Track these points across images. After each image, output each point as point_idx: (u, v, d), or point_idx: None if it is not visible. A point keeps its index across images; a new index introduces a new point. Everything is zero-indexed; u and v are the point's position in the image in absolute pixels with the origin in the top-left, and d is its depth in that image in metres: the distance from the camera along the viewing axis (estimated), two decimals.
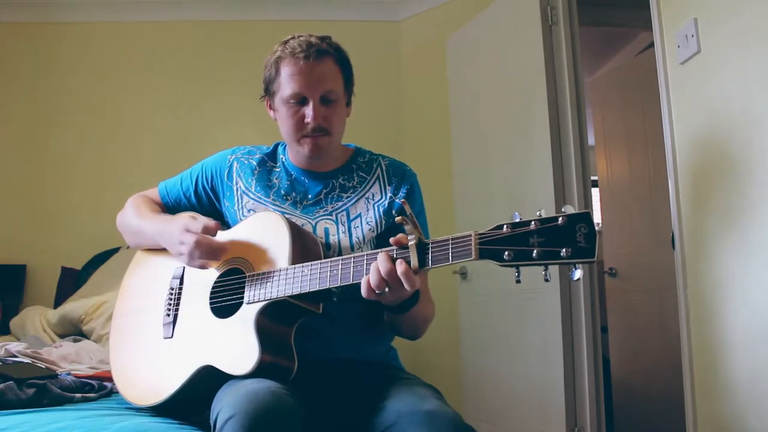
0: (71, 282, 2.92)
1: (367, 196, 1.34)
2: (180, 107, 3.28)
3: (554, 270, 2.28)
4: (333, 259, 1.11)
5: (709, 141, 1.70)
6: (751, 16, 1.53)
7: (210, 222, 1.22)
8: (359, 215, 1.32)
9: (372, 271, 1.03)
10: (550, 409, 2.31)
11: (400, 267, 1.01)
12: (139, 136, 3.24)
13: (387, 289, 1.03)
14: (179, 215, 1.31)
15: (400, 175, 1.37)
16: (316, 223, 1.31)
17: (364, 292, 1.05)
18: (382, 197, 1.34)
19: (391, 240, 1.05)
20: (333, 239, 1.29)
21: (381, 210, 1.32)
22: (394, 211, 1.31)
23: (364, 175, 1.38)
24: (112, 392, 1.46)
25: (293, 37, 1.30)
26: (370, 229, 1.30)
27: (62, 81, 3.24)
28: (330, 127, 1.30)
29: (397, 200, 1.33)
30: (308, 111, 1.27)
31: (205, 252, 1.20)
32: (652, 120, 2.81)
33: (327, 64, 1.29)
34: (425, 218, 1.39)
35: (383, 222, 1.31)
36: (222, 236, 1.30)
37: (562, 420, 2.25)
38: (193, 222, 1.22)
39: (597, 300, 2.34)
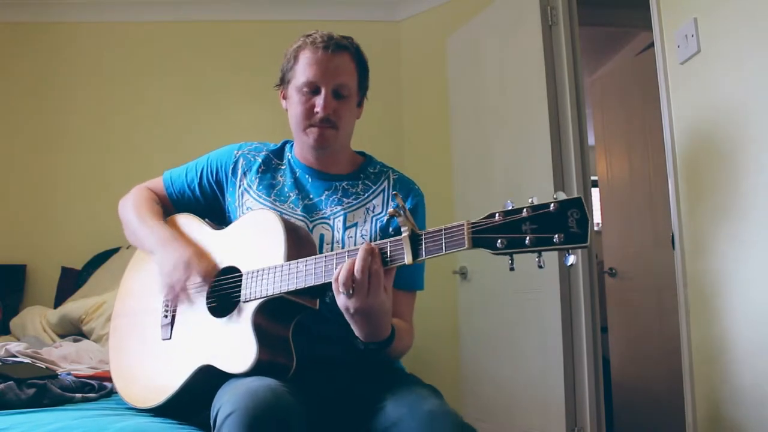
0: (71, 282, 2.92)
1: (368, 206, 1.33)
2: (180, 107, 3.28)
3: (555, 269, 2.28)
4: (327, 254, 1.10)
5: (709, 140, 1.70)
6: (750, 16, 1.53)
7: (202, 274, 1.21)
8: (355, 224, 1.31)
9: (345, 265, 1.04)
10: (550, 409, 2.31)
11: (375, 262, 1.03)
12: (139, 136, 3.24)
13: (352, 289, 1.03)
14: (175, 242, 1.27)
15: (406, 192, 1.36)
16: (313, 227, 1.30)
17: (333, 286, 1.06)
18: (382, 211, 1.33)
19: (390, 211, 1.04)
20: (326, 248, 1.28)
21: (378, 225, 1.31)
22: (391, 229, 1.30)
23: (370, 184, 1.37)
24: (112, 392, 1.46)
25: (317, 32, 1.32)
26: (363, 243, 1.29)
27: (62, 81, 3.24)
28: (338, 120, 1.30)
29: (396, 218, 1.32)
30: (319, 101, 1.28)
31: (181, 297, 1.22)
32: (652, 120, 2.81)
33: (344, 59, 1.30)
34: None
35: (378, 238, 1.29)
36: (218, 235, 1.31)
37: (562, 420, 2.25)
38: (182, 269, 1.21)
39: (597, 300, 2.34)
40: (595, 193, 3.37)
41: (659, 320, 2.94)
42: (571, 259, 0.90)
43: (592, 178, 2.46)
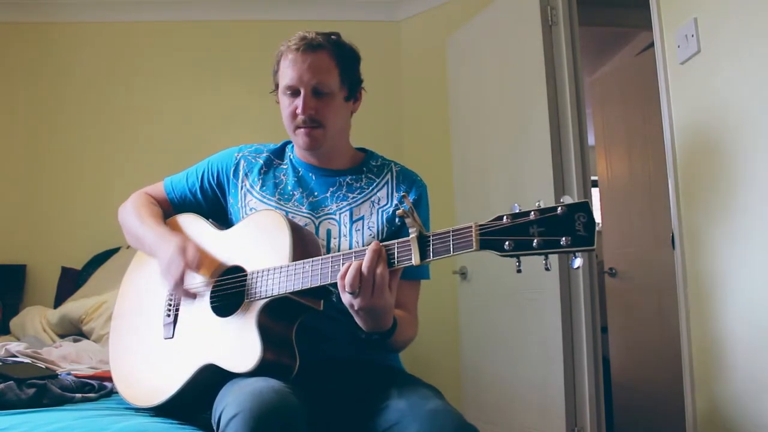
0: (71, 282, 2.92)
1: (373, 199, 1.34)
2: (180, 107, 3.28)
3: (554, 269, 2.28)
4: (334, 254, 1.11)
5: (709, 141, 1.70)
6: (750, 16, 1.53)
7: (193, 259, 1.21)
8: (362, 217, 1.32)
9: (353, 266, 1.04)
10: (550, 409, 2.31)
11: (380, 267, 1.03)
12: (139, 136, 3.24)
13: (359, 288, 1.04)
14: (173, 236, 1.28)
15: (409, 184, 1.37)
16: (319, 223, 1.31)
17: (339, 284, 1.06)
18: (387, 203, 1.34)
19: (399, 212, 1.05)
20: (334, 242, 1.29)
21: (385, 217, 1.32)
22: (397, 220, 1.31)
23: (373, 177, 1.38)
24: (112, 392, 1.46)
25: (298, 33, 1.33)
26: (370, 234, 1.30)
27: (62, 81, 3.24)
28: (322, 119, 1.31)
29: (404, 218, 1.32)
30: (299, 102, 1.30)
31: (182, 293, 1.22)
32: (652, 120, 2.81)
33: (320, 57, 1.30)
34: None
35: (385, 229, 1.30)
36: (223, 235, 1.31)
37: (562, 420, 2.25)
38: (178, 259, 1.21)
39: (597, 300, 2.34)
40: (595, 193, 3.36)
41: (659, 320, 2.94)
42: (578, 262, 0.91)
43: (592, 178, 2.46)
